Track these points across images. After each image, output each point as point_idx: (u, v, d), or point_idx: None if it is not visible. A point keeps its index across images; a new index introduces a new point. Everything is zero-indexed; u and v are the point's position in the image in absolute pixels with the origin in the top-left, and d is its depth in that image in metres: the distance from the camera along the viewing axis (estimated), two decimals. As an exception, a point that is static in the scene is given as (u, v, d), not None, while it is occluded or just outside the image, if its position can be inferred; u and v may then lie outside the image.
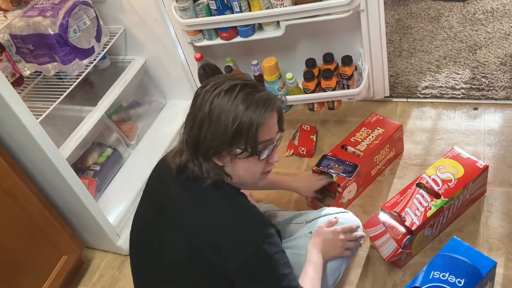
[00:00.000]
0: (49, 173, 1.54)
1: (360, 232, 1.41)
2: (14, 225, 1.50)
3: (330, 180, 1.66)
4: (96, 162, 1.92)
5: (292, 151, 2.01)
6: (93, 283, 1.76)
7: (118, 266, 1.80)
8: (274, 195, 1.80)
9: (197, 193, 1.11)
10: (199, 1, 1.80)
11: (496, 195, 1.64)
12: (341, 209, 1.47)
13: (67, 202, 1.65)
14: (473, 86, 2.03)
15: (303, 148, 1.99)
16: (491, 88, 2.00)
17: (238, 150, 1.07)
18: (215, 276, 1.08)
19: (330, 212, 1.44)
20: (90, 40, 1.76)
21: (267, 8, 1.75)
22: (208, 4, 1.78)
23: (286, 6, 1.72)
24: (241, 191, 1.18)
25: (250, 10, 1.76)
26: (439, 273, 1.26)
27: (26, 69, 1.74)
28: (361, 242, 1.43)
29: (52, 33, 1.61)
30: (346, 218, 1.42)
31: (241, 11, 1.75)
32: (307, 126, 2.06)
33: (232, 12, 1.76)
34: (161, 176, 1.20)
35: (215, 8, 1.76)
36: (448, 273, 1.25)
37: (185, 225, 1.11)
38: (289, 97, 1.93)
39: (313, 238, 1.34)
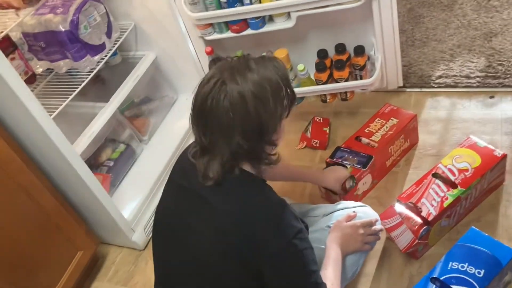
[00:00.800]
0: (64, 169, 1.54)
1: (379, 226, 1.39)
2: (29, 221, 1.51)
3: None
4: (109, 158, 1.93)
5: (305, 144, 2.00)
6: (109, 278, 1.77)
7: (133, 261, 1.81)
8: (287, 187, 1.79)
9: (230, 185, 1.09)
10: (209, -6, 1.79)
11: (514, 184, 1.62)
12: (359, 203, 1.45)
13: (81, 198, 1.66)
14: (488, 74, 1.99)
15: (317, 141, 1.97)
16: (508, 75, 1.96)
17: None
18: (244, 265, 1.07)
19: (348, 206, 1.42)
20: (101, 36, 1.76)
21: (278, -1, 1.73)
22: (218, -3, 1.77)
23: (296, -4, 1.70)
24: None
25: (260, 2, 1.74)
26: (457, 263, 1.24)
27: (38, 66, 1.75)
28: (380, 236, 1.41)
29: (63, 30, 1.62)
30: (365, 212, 1.40)
31: (251, 3, 1.73)
32: (319, 118, 2.04)
33: (242, 5, 1.75)
34: (186, 172, 1.16)
35: (225, 1, 1.75)
36: (467, 263, 1.23)
37: (217, 215, 1.09)
38: (301, 89, 1.92)
39: (332, 233, 1.32)
